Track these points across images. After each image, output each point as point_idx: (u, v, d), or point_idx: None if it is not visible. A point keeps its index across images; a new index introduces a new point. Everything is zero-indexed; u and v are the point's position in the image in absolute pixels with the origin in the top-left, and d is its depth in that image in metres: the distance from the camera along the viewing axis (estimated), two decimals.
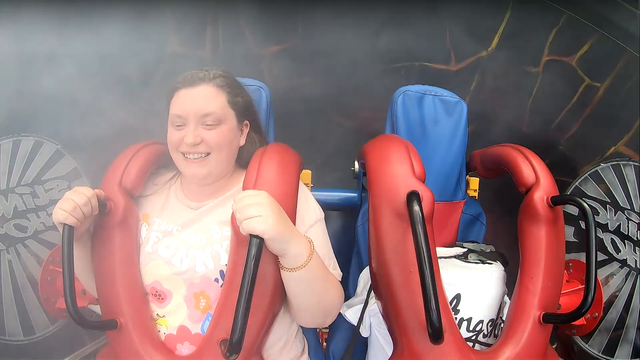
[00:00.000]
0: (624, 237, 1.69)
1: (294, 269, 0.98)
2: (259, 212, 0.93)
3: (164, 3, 2.00)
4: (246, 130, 1.22)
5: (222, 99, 1.14)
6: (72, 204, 1.00)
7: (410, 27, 2.10)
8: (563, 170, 1.24)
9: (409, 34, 2.11)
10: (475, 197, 1.66)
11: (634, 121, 1.72)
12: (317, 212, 1.17)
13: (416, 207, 0.98)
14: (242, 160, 1.22)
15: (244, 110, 1.20)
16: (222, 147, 1.13)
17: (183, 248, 1.11)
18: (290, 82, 2.25)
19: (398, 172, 1.12)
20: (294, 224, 1.07)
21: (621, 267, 1.69)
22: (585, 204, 1.06)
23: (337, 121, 2.39)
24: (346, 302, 1.35)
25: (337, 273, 1.14)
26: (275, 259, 1.00)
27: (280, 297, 1.05)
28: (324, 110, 2.37)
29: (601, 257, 1.74)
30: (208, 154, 1.12)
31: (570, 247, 1.76)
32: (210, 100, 1.12)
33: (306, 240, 1.01)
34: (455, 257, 1.31)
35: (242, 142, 1.21)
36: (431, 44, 2.13)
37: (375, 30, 2.15)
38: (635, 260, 1.66)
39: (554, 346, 1.87)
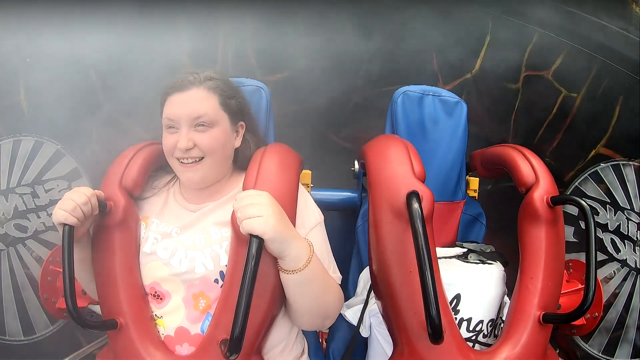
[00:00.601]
0: (624, 237, 1.69)
1: (293, 271, 0.98)
2: (260, 212, 0.93)
3: (181, 28, 2.11)
4: (242, 132, 1.21)
5: (213, 101, 1.12)
6: (72, 203, 1.00)
7: (400, 53, 2.25)
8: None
9: (400, 59, 2.26)
10: (475, 197, 1.66)
11: (610, 123, 1.77)
12: (317, 215, 1.17)
13: (416, 207, 0.98)
14: (239, 162, 1.22)
15: (238, 111, 1.18)
16: (216, 151, 1.12)
17: (182, 249, 1.11)
18: (292, 107, 2.36)
19: (398, 172, 1.12)
20: (294, 224, 1.07)
21: (621, 267, 1.70)
22: (585, 204, 1.06)
23: (336, 142, 2.48)
24: (346, 302, 1.35)
25: (337, 276, 1.14)
26: (275, 259, 1.00)
27: (280, 297, 1.04)
28: (323, 133, 2.46)
29: (601, 257, 1.74)
30: (202, 158, 1.11)
31: (570, 247, 1.76)
32: (201, 103, 1.11)
33: (306, 243, 1.01)
34: (455, 257, 1.31)
35: (238, 143, 1.20)
36: (420, 68, 2.28)
37: (368, 58, 2.29)
38: (635, 260, 1.66)
39: (556, 351, 1.88)
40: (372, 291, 1.23)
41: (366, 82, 2.31)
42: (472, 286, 1.19)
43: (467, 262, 1.28)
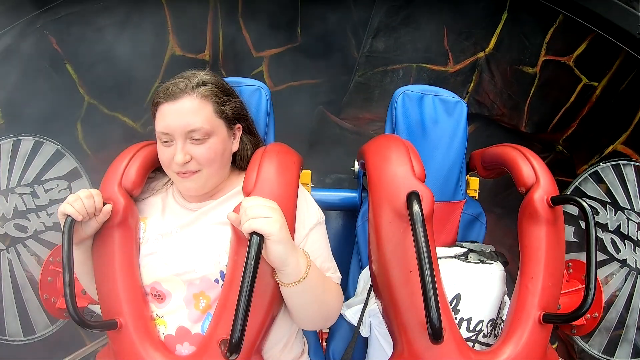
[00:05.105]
0: (624, 237, 1.69)
1: (292, 283, 0.98)
2: (270, 214, 0.93)
3: (162, 5, 2.01)
4: (239, 134, 1.18)
5: (208, 110, 1.07)
6: (74, 196, 1.02)
7: (408, 29, 2.11)
8: (562, 170, 1.24)
9: (407, 36, 2.12)
10: (475, 197, 1.66)
11: (632, 120, 1.71)
12: (318, 215, 1.16)
13: (416, 207, 0.97)
14: (237, 162, 1.21)
15: (234, 116, 1.15)
16: (213, 162, 1.09)
17: (182, 249, 1.11)
18: (290, 84, 2.26)
19: (398, 172, 1.11)
20: (294, 225, 1.07)
21: (621, 267, 1.70)
22: (585, 204, 1.05)
23: (336, 123, 2.40)
24: (346, 302, 1.35)
25: (337, 276, 1.14)
26: None
27: (280, 297, 1.04)
28: (322, 112, 2.37)
29: (601, 257, 1.74)
30: (199, 170, 1.09)
31: (570, 247, 1.76)
32: (195, 113, 1.05)
33: (303, 254, 1.01)
34: (455, 257, 1.31)
35: (236, 147, 1.17)
36: (429, 46, 2.15)
37: (373, 33, 2.15)
38: (635, 260, 1.66)
39: (554, 346, 1.88)
40: (372, 291, 1.23)
41: (369, 60, 2.21)
42: (472, 286, 1.19)
43: (467, 262, 1.28)
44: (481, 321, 1.17)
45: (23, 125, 1.72)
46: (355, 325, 1.29)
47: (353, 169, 1.70)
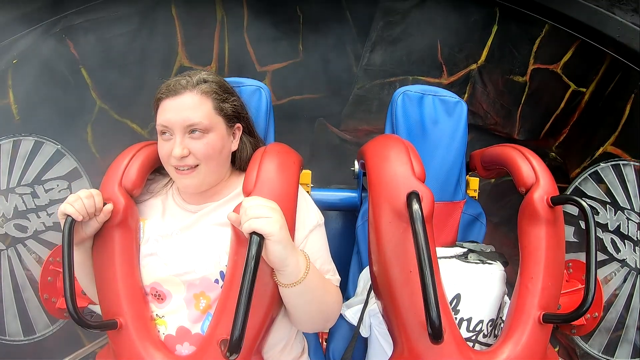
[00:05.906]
0: (624, 237, 1.69)
1: (291, 284, 0.98)
2: (270, 214, 0.93)
3: (173, 19, 2.07)
4: (238, 134, 1.18)
5: (207, 106, 1.09)
6: (74, 196, 1.03)
7: (403, 43, 2.17)
8: (556, 176, 1.27)
9: (403, 50, 2.19)
10: (475, 197, 1.66)
11: (619, 121, 1.74)
12: (318, 217, 1.17)
13: (416, 207, 0.97)
14: (237, 163, 1.21)
15: (234, 114, 1.15)
16: (211, 158, 1.10)
17: (182, 250, 1.11)
18: (292, 98, 2.32)
19: (398, 172, 1.11)
20: (294, 225, 1.08)
21: (621, 267, 1.70)
22: (585, 204, 1.05)
23: (336, 134, 2.44)
24: (346, 302, 1.35)
25: (336, 278, 1.15)
26: None
27: (280, 297, 1.04)
28: (323, 124, 2.42)
29: (601, 257, 1.74)
30: (197, 165, 1.09)
31: (570, 247, 1.76)
32: (195, 109, 1.07)
33: (303, 255, 1.01)
34: (455, 257, 1.31)
35: (235, 147, 1.18)
36: (424, 59, 2.24)
37: (371, 47, 2.22)
38: (635, 260, 1.66)
39: (556, 349, 1.88)
40: (372, 291, 1.23)
41: (367, 73, 2.27)
42: (472, 286, 1.19)
43: (467, 262, 1.28)
44: (481, 321, 1.17)
45: (36, 124, 1.74)
46: (355, 325, 1.29)
47: (353, 168, 1.70)
